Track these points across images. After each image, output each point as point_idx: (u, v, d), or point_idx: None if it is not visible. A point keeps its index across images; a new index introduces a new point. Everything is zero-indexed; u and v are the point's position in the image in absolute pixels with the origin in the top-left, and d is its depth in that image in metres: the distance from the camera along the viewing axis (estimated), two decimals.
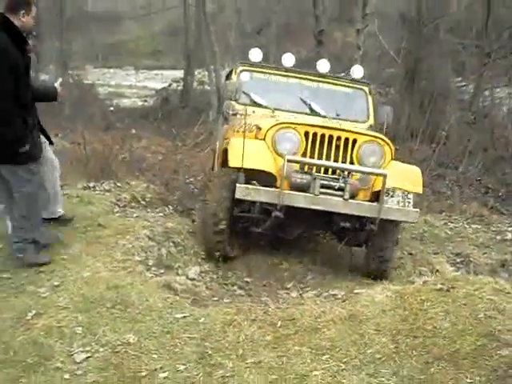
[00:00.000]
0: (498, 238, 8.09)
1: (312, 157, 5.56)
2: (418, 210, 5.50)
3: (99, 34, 34.07)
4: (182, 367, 3.48)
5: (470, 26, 16.15)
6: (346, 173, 5.43)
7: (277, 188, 5.32)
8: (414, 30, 14.61)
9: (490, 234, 8.26)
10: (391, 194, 5.58)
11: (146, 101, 21.82)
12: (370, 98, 7.19)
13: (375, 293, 4.02)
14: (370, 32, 16.75)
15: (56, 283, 4.52)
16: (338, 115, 6.81)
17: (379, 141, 5.66)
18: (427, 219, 8.73)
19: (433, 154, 12.33)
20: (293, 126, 5.64)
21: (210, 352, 3.61)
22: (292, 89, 7.16)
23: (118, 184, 7.61)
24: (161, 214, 6.85)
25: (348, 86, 7.21)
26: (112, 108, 15.85)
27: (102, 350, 3.65)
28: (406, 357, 3.31)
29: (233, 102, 6.93)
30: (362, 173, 5.53)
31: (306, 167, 5.50)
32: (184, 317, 4.08)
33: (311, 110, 6.90)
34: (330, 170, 5.53)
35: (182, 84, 21.47)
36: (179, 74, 23.04)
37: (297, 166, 5.47)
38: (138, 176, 8.57)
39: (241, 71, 7.22)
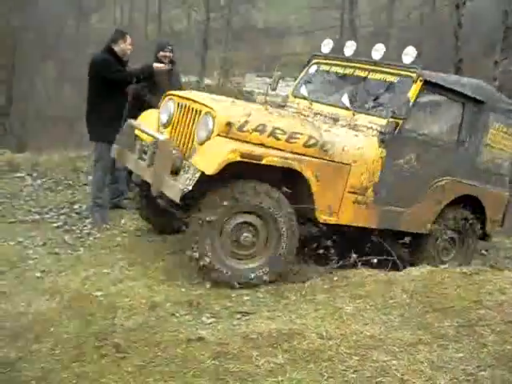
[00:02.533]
0: None
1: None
2: (184, 188, 4.93)
3: (266, 46, 36.41)
4: (261, 296, 5.06)
5: None
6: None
7: None
8: None
9: None
10: (187, 169, 5.15)
11: None
12: (414, 87, 6.04)
13: (413, 269, 5.35)
14: None
15: None
16: (367, 109, 6.18)
17: (212, 112, 5.23)
18: None
19: None
20: (173, 97, 5.87)
21: (282, 290, 5.15)
22: (345, 80, 6.75)
23: None
24: None
25: (395, 74, 6.26)
26: None
27: None
28: (414, 307, 4.64)
29: (289, 95, 7.21)
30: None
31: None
32: None
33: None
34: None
35: None
36: None
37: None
38: None
39: (311, 64, 7.24)
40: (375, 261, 5.77)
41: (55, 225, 6.62)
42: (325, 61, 7.08)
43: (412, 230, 6.27)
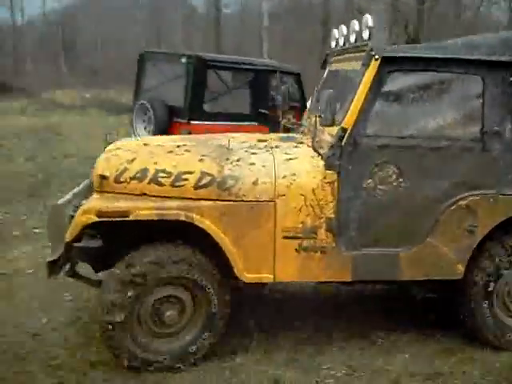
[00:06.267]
0: None
1: None
2: (49, 258, 4.11)
3: None
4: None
5: None
6: None
7: None
8: None
9: None
10: None
11: None
12: (368, 71, 4.11)
13: None
14: None
15: None
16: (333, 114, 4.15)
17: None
18: None
19: None
20: None
21: None
22: (333, 79, 5.20)
23: None
24: None
25: (360, 58, 4.32)
26: None
27: None
28: None
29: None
30: None
31: None
32: None
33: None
34: None
35: None
36: None
37: None
38: None
39: (326, 66, 5.56)
40: None
41: None
42: (331, 58, 5.40)
43: (430, 277, 4.34)
